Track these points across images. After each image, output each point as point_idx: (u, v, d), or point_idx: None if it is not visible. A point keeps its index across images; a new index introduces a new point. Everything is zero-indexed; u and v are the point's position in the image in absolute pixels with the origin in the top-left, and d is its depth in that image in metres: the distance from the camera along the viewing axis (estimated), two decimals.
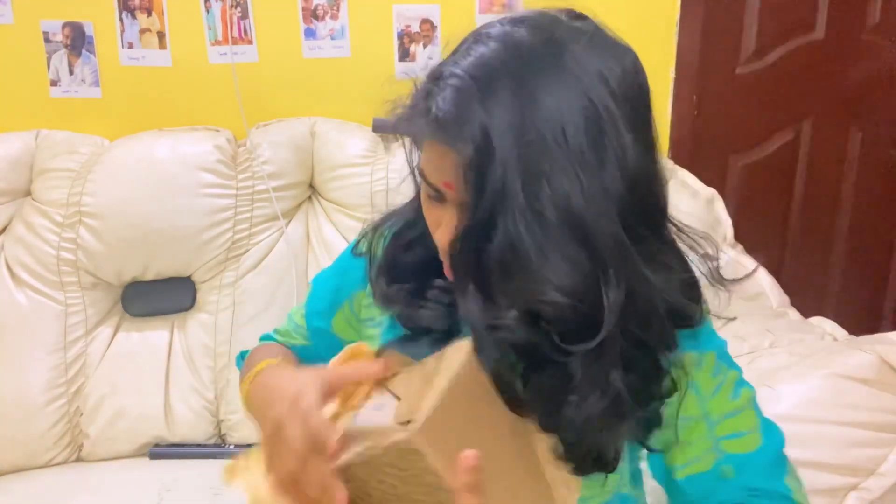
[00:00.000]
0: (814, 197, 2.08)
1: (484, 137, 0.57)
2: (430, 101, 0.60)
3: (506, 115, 0.56)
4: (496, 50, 0.60)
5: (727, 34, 1.90)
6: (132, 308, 1.56)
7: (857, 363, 1.05)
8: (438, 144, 0.61)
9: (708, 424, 0.71)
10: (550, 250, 0.57)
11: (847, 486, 1.02)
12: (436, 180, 0.63)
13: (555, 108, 0.56)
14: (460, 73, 0.59)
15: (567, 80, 0.57)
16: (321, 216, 1.62)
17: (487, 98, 0.57)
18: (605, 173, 0.57)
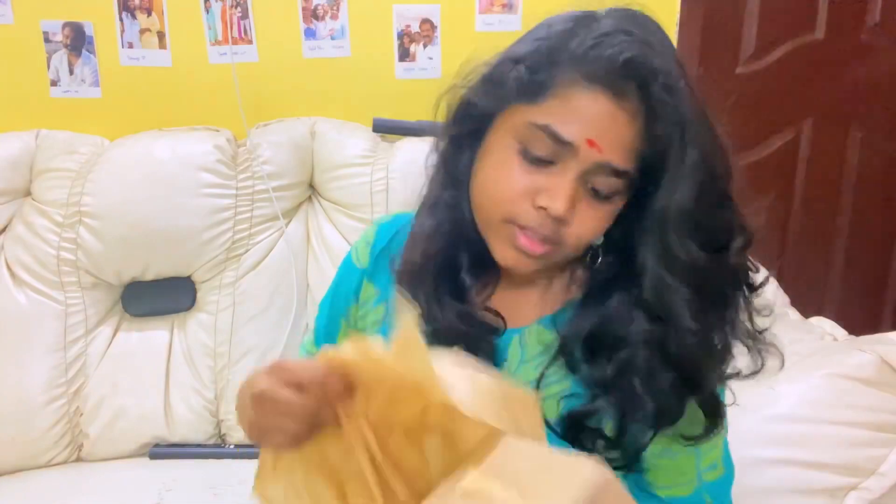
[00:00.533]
0: (814, 197, 2.08)
1: (675, 97, 0.60)
2: (602, 46, 0.60)
3: (670, 75, 0.61)
4: (627, 17, 0.65)
5: (727, 34, 1.90)
6: (132, 308, 1.56)
7: (857, 363, 1.05)
8: (607, 97, 0.60)
9: (696, 456, 0.72)
10: (726, 195, 0.65)
11: (847, 486, 1.02)
12: (576, 135, 0.61)
13: (683, 75, 0.63)
14: (621, 30, 0.62)
15: (673, 49, 0.65)
16: (321, 216, 1.62)
17: (658, 59, 0.61)
18: (717, 140, 0.65)
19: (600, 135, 0.60)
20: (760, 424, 1.05)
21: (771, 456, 1.03)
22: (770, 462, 1.03)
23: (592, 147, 0.60)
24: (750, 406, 1.06)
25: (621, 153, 0.60)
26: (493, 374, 0.52)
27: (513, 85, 0.63)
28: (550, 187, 0.62)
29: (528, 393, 0.54)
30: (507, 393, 0.52)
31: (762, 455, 1.03)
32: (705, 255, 0.63)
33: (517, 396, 0.53)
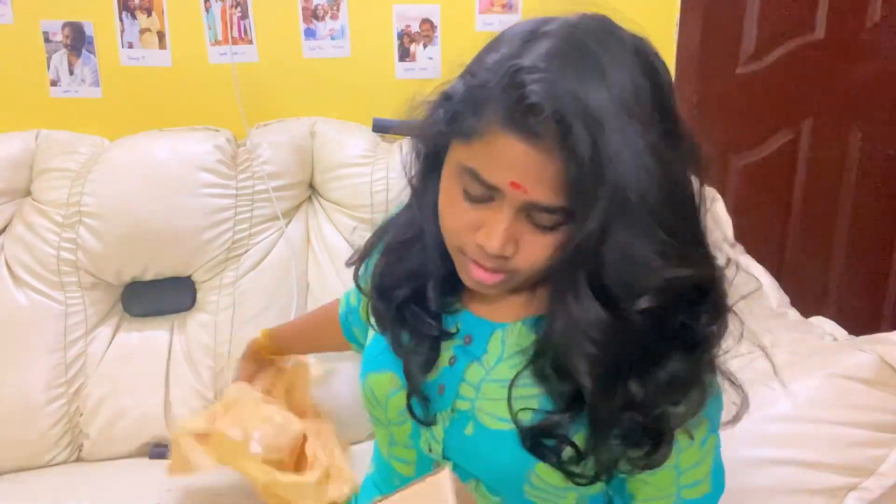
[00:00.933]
0: (814, 197, 2.08)
1: (590, 131, 0.56)
2: (515, 90, 0.58)
3: (598, 106, 0.57)
4: (563, 43, 0.60)
5: (727, 34, 1.90)
6: (132, 308, 1.56)
7: (857, 363, 1.05)
8: (520, 141, 0.59)
9: (676, 473, 0.72)
10: (661, 234, 0.60)
11: (847, 486, 1.02)
12: (499, 179, 0.61)
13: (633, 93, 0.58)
14: (543, 66, 0.58)
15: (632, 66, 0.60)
16: (321, 216, 1.62)
17: (579, 90, 0.57)
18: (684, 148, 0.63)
19: (522, 177, 0.60)
20: (760, 424, 1.05)
21: (771, 456, 1.03)
22: (770, 462, 1.03)
23: (517, 189, 0.60)
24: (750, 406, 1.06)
25: (548, 192, 0.60)
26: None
27: (446, 124, 0.65)
28: (488, 224, 0.63)
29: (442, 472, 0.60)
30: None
31: (762, 455, 1.03)
32: (605, 314, 0.62)
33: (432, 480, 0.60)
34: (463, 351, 0.76)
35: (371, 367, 0.82)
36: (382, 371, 0.80)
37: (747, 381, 1.10)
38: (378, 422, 0.83)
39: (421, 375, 0.75)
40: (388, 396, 0.79)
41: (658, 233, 0.59)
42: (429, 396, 0.75)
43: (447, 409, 0.75)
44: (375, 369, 0.81)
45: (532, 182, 0.60)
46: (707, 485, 0.74)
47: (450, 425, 0.75)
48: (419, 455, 0.80)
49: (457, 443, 0.75)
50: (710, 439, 0.73)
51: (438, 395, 0.76)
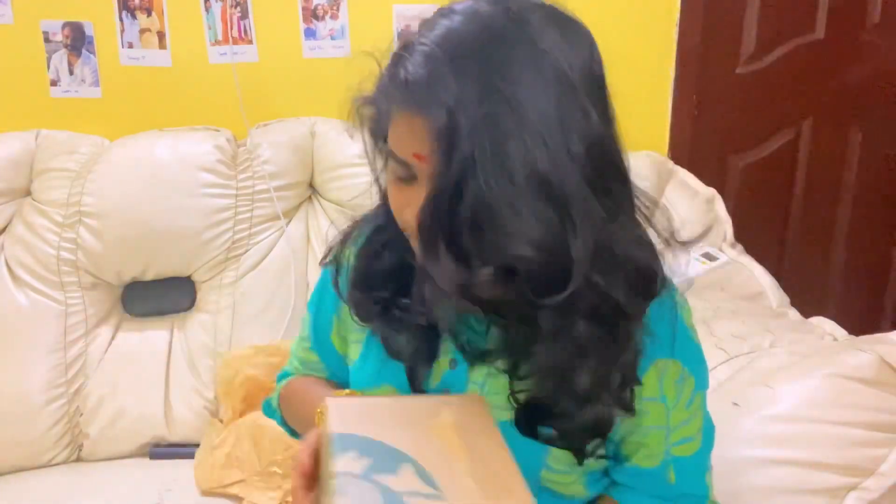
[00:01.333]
0: (814, 197, 2.08)
1: (456, 102, 0.58)
2: (400, 68, 0.63)
3: (474, 82, 0.58)
4: (461, 22, 0.62)
5: (727, 34, 1.90)
6: (132, 308, 1.56)
7: (857, 363, 1.05)
8: (409, 113, 0.62)
9: (666, 432, 0.74)
10: (520, 208, 0.59)
11: (847, 486, 1.02)
12: (406, 153, 0.64)
13: (520, 77, 0.59)
14: (428, 43, 0.61)
15: (531, 51, 0.60)
16: (321, 216, 1.62)
17: (456, 65, 0.59)
18: (569, 137, 0.60)
19: (423, 148, 0.61)
20: (760, 424, 1.05)
21: (771, 456, 1.03)
22: (770, 462, 1.03)
23: (421, 161, 0.62)
24: (749, 406, 1.07)
25: (440, 159, 0.60)
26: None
27: (373, 114, 0.71)
28: (410, 202, 0.65)
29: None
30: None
31: (762, 455, 1.03)
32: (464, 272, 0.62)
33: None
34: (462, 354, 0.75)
35: (366, 383, 0.80)
36: (380, 386, 0.78)
37: (747, 381, 1.11)
38: None
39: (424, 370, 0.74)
40: None
41: (511, 209, 0.59)
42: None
43: None
44: (370, 385, 0.79)
45: (428, 149, 0.61)
46: (698, 441, 0.76)
47: None
48: None
49: None
50: (696, 397, 0.74)
51: None
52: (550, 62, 0.60)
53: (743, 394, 1.09)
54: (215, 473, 1.36)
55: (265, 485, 1.34)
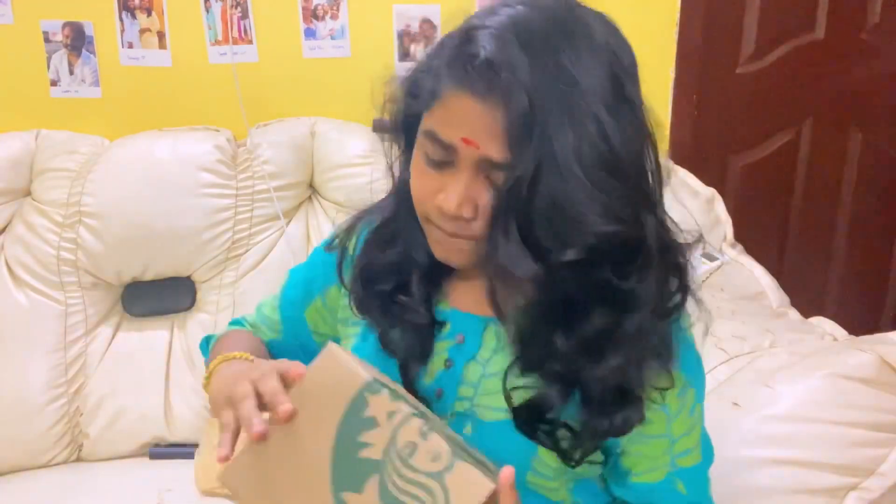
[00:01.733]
0: (814, 197, 2.08)
1: (534, 89, 0.59)
2: (470, 47, 0.62)
3: (548, 70, 0.59)
4: (526, 11, 0.63)
5: (727, 34, 1.90)
6: (132, 308, 1.56)
7: (857, 363, 1.05)
8: (472, 95, 0.61)
9: (669, 441, 0.73)
10: (594, 190, 0.61)
11: (847, 486, 1.02)
12: (452, 136, 0.63)
13: (585, 66, 0.61)
14: (496, 27, 0.62)
15: (590, 43, 0.62)
16: (321, 216, 1.62)
17: (530, 52, 0.60)
18: (634, 118, 0.63)
19: (474, 132, 0.62)
20: (760, 424, 1.05)
21: (771, 456, 1.03)
22: (770, 462, 1.03)
23: (469, 145, 0.62)
24: (749, 406, 1.06)
25: (500, 147, 0.61)
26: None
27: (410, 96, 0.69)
28: (446, 187, 0.65)
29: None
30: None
31: (762, 455, 1.03)
32: (533, 263, 0.63)
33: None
34: (458, 351, 0.75)
35: None
36: None
37: (747, 381, 1.11)
38: None
39: (417, 367, 0.74)
40: None
41: (591, 189, 0.61)
42: (428, 401, 0.74)
43: (447, 414, 0.74)
44: None
45: (484, 138, 0.61)
46: (698, 454, 0.76)
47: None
48: None
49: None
50: (697, 407, 0.74)
51: (437, 399, 0.75)
52: (606, 55, 0.62)
53: (743, 394, 1.09)
54: (215, 473, 1.35)
55: None
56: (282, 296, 0.91)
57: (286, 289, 0.91)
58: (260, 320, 0.92)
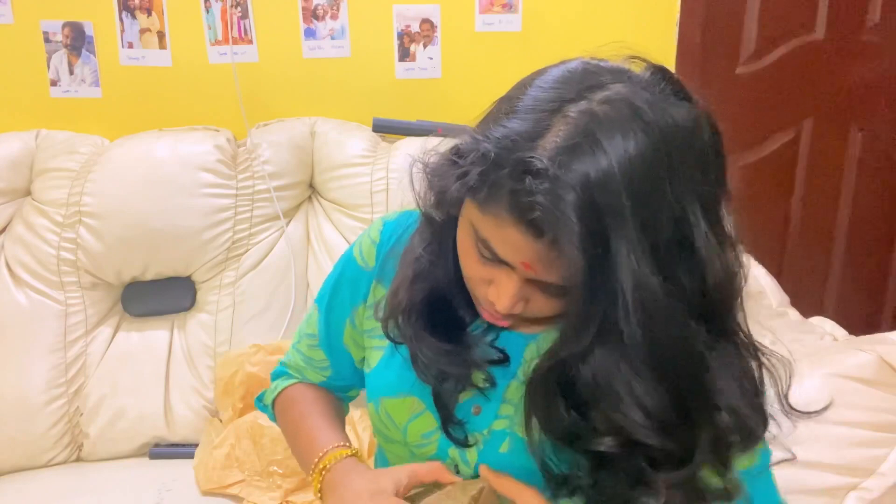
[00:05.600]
0: (814, 197, 2.08)
1: (599, 253, 0.54)
2: (519, 186, 0.55)
3: (616, 223, 0.54)
4: (612, 165, 0.55)
5: (727, 34, 1.90)
6: (132, 308, 1.56)
7: (857, 363, 1.05)
8: (529, 236, 0.57)
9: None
10: (641, 380, 0.58)
11: (847, 486, 1.02)
12: (510, 258, 0.60)
13: (646, 214, 0.55)
14: (552, 163, 0.55)
15: (658, 183, 0.56)
16: (321, 216, 1.62)
17: (599, 213, 0.54)
18: (686, 279, 0.58)
19: (531, 260, 0.59)
20: None
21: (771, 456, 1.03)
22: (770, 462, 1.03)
23: (528, 269, 0.60)
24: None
25: (557, 273, 0.58)
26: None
27: (459, 182, 0.61)
28: (498, 284, 0.63)
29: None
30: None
31: None
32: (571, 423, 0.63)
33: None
34: (501, 371, 0.73)
35: (385, 391, 0.78)
36: (400, 396, 0.76)
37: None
38: (392, 441, 0.79)
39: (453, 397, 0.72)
40: (408, 421, 0.76)
41: (640, 376, 0.58)
42: (463, 419, 0.73)
43: (484, 430, 0.73)
44: (391, 394, 0.77)
45: (542, 266, 0.59)
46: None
47: (484, 447, 0.73)
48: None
49: (491, 462, 0.72)
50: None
51: (473, 416, 0.73)
52: (673, 191, 0.57)
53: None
54: (215, 473, 1.36)
55: (265, 485, 1.34)
56: (321, 333, 0.88)
57: (321, 324, 0.88)
58: (303, 362, 0.90)
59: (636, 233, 0.54)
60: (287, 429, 0.88)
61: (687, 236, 0.58)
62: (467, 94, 1.72)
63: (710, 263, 0.59)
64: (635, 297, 0.55)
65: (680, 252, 0.57)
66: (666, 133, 0.57)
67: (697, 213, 0.58)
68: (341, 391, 0.92)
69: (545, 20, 1.69)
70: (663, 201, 0.56)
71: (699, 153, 0.59)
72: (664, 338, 0.57)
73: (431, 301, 0.73)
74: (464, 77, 1.72)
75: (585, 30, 1.68)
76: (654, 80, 0.63)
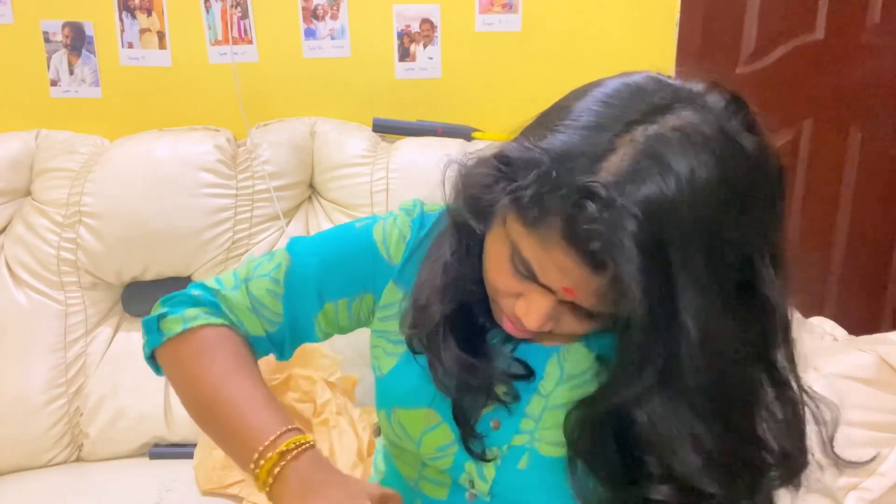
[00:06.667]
0: (814, 197, 2.08)
1: (662, 289, 0.51)
2: (577, 212, 0.52)
3: (681, 262, 0.51)
4: (678, 192, 0.52)
5: (727, 34, 1.90)
6: (132, 308, 1.56)
7: (857, 363, 1.05)
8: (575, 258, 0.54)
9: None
10: (702, 416, 0.56)
11: (847, 486, 1.02)
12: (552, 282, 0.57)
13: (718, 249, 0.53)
14: (614, 190, 0.51)
15: (727, 216, 0.53)
16: (321, 216, 1.62)
17: (662, 244, 0.51)
18: (750, 320, 0.56)
19: (576, 286, 0.56)
20: None
21: None
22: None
23: (569, 294, 0.57)
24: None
25: (599, 303, 0.56)
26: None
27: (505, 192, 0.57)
28: (529, 301, 0.60)
29: None
30: None
31: None
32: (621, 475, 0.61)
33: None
34: (523, 385, 0.71)
35: (399, 401, 0.75)
36: (416, 408, 0.73)
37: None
38: (405, 450, 0.77)
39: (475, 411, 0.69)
40: (423, 433, 0.73)
41: (701, 420, 0.55)
42: (482, 433, 0.70)
43: (503, 446, 0.71)
44: (406, 405, 0.74)
45: (585, 293, 0.56)
46: None
47: (502, 462, 0.71)
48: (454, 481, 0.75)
49: (508, 478, 0.71)
50: None
51: (493, 431, 0.71)
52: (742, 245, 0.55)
53: None
54: (215, 473, 1.36)
55: None
56: (289, 286, 0.77)
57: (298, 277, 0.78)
58: (251, 306, 0.77)
59: (703, 267, 0.51)
60: (198, 383, 0.73)
61: (752, 277, 0.56)
62: (467, 94, 1.72)
63: (777, 309, 0.57)
64: (702, 337, 0.52)
65: (745, 293, 0.55)
66: (738, 166, 0.54)
67: (764, 253, 0.57)
68: (265, 350, 0.80)
69: (545, 20, 1.69)
70: (732, 236, 0.53)
71: (767, 191, 0.58)
72: (730, 381, 0.54)
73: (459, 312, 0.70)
74: (464, 77, 1.72)
75: (585, 30, 1.68)
76: (730, 111, 0.58)
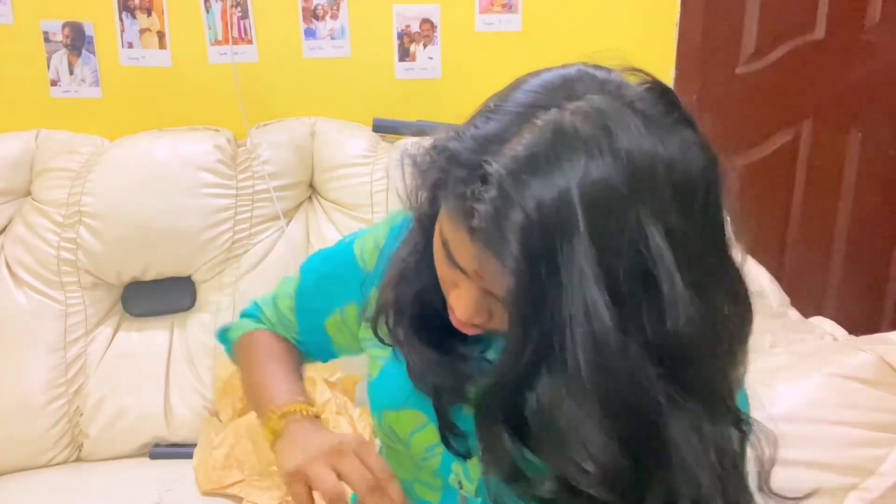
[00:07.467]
0: (814, 197, 2.08)
1: (542, 276, 0.51)
2: (469, 192, 0.53)
3: (570, 253, 0.50)
4: (541, 151, 0.51)
5: (727, 34, 1.90)
6: (132, 308, 1.56)
7: (857, 363, 1.05)
8: (472, 240, 0.54)
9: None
10: (588, 413, 0.53)
11: (847, 486, 1.02)
12: (459, 260, 0.57)
13: (605, 244, 0.51)
14: (505, 173, 0.51)
15: (621, 211, 0.51)
16: (321, 216, 1.62)
17: (548, 236, 0.50)
18: (647, 319, 0.52)
19: (480, 268, 0.56)
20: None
21: None
22: None
23: (477, 278, 0.57)
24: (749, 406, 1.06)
25: (501, 289, 0.54)
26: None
27: (434, 181, 0.58)
28: (459, 290, 0.60)
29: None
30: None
31: None
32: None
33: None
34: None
35: (388, 403, 0.76)
36: (403, 409, 0.74)
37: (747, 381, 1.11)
38: (397, 451, 0.78)
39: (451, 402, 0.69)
40: (411, 434, 0.74)
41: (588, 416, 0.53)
42: (465, 431, 0.69)
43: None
44: (394, 407, 0.75)
45: (490, 276, 0.55)
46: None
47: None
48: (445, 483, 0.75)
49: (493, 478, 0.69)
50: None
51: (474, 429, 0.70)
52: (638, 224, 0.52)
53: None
54: (215, 474, 1.36)
55: (265, 485, 1.34)
56: (298, 300, 0.85)
57: (302, 293, 0.85)
58: (277, 318, 0.88)
59: (590, 259, 0.50)
60: (246, 366, 0.86)
61: (649, 270, 0.52)
62: (467, 94, 1.70)
63: (671, 305, 0.52)
64: (583, 325, 0.51)
65: (645, 289, 0.52)
66: (639, 161, 0.51)
67: (662, 246, 0.51)
68: (304, 352, 0.89)
69: (545, 20, 1.69)
70: (624, 230, 0.51)
71: (679, 185, 0.53)
72: (615, 377, 0.52)
73: (421, 304, 0.70)
74: (464, 77, 1.72)
75: (585, 30, 1.68)
76: (648, 99, 0.55)
